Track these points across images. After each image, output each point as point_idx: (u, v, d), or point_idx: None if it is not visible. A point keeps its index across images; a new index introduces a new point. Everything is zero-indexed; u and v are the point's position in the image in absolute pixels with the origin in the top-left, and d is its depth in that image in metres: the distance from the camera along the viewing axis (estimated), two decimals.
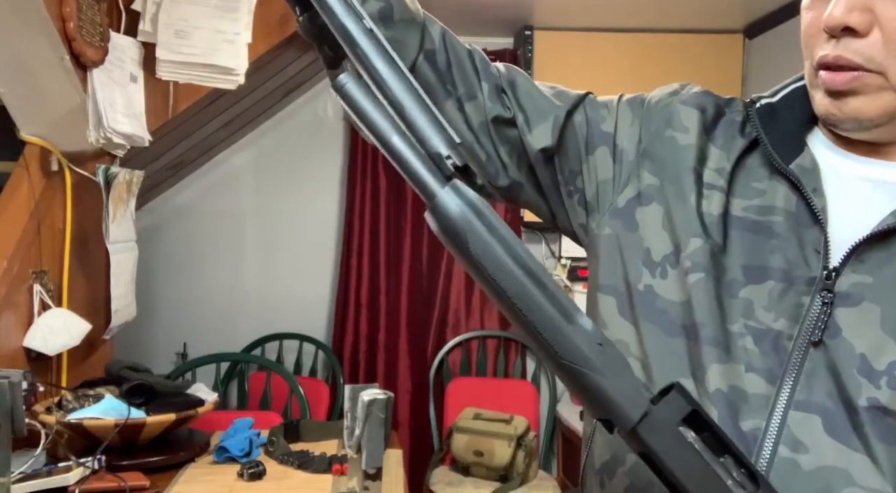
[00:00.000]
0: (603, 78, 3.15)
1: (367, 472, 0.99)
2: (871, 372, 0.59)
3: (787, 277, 0.64)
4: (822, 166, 0.67)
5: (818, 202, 0.64)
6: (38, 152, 1.76)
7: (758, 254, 0.65)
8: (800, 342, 0.62)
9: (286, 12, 2.18)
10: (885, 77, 0.61)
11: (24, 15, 1.51)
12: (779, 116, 0.70)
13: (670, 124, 0.74)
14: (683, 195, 0.70)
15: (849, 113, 0.63)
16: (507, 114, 0.79)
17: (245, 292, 3.35)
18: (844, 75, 0.61)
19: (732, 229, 0.67)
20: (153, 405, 1.65)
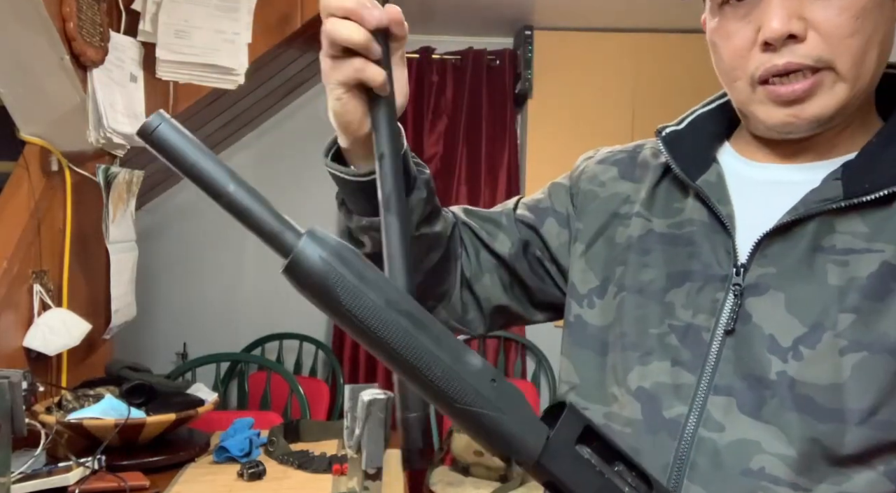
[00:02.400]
0: (603, 78, 3.15)
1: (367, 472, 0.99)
2: (779, 349, 0.66)
3: (704, 277, 0.72)
4: (730, 177, 0.75)
5: (723, 210, 0.72)
6: (38, 152, 1.76)
7: (678, 262, 0.74)
8: (717, 333, 0.69)
9: (286, 12, 2.18)
10: (834, 71, 0.66)
11: (24, 15, 1.51)
12: (686, 140, 0.79)
13: (591, 183, 0.86)
14: (609, 236, 0.81)
15: (809, 117, 0.68)
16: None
17: (245, 292, 3.35)
18: (802, 83, 0.66)
19: (655, 245, 0.76)
20: (153, 405, 1.65)
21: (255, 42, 2.07)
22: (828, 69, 0.66)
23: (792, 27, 0.65)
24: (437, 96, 3.27)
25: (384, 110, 0.65)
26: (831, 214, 0.67)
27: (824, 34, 0.65)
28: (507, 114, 3.26)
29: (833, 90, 0.67)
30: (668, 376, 0.71)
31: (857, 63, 0.66)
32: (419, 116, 3.26)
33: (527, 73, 3.10)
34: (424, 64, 3.24)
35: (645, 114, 3.09)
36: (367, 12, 0.62)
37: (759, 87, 0.69)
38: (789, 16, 0.66)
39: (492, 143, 3.25)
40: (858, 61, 0.66)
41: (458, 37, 3.30)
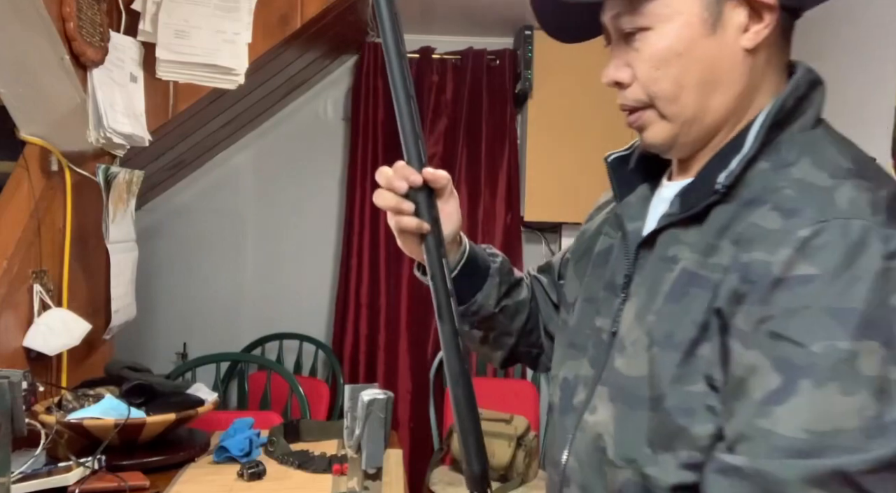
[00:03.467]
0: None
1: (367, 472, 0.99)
2: (622, 349, 0.79)
3: (610, 286, 0.86)
4: (656, 197, 0.87)
5: (630, 226, 0.85)
6: (38, 152, 1.76)
7: (606, 272, 0.88)
8: (608, 334, 0.83)
9: (286, 12, 2.18)
10: (655, 110, 0.79)
11: (24, 15, 1.51)
12: (627, 164, 0.91)
13: (593, 209, 1.03)
14: (588, 253, 0.95)
15: (647, 142, 0.83)
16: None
17: (245, 292, 3.35)
18: (632, 116, 0.82)
19: (605, 258, 0.91)
20: (153, 405, 1.65)
21: (255, 42, 2.07)
22: (650, 108, 0.79)
23: (618, 76, 0.80)
24: (437, 96, 3.27)
25: (430, 243, 0.86)
26: (677, 228, 0.78)
27: (640, 81, 0.79)
28: (507, 114, 3.26)
29: (658, 125, 0.80)
30: (581, 369, 0.86)
31: (670, 103, 0.78)
32: (419, 116, 3.25)
33: (527, 73, 3.10)
34: (424, 64, 3.24)
35: None
36: (398, 183, 0.86)
37: None
38: (618, 65, 0.80)
39: (492, 143, 3.25)
40: (671, 102, 0.77)
41: (458, 37, 3.30)
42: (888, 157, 1.94)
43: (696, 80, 0.76)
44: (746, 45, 0.75)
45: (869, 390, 0.61)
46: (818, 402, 0.62)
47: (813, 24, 2.74)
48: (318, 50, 2.89)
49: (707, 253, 0.73)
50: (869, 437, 0.61)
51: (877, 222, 0.64)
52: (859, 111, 2.25)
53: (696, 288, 0.72)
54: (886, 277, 0.63)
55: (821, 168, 0.70)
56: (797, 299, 0.64)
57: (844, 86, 2.32)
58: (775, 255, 0.66)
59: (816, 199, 0.67)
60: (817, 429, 0.61)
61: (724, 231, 0.72)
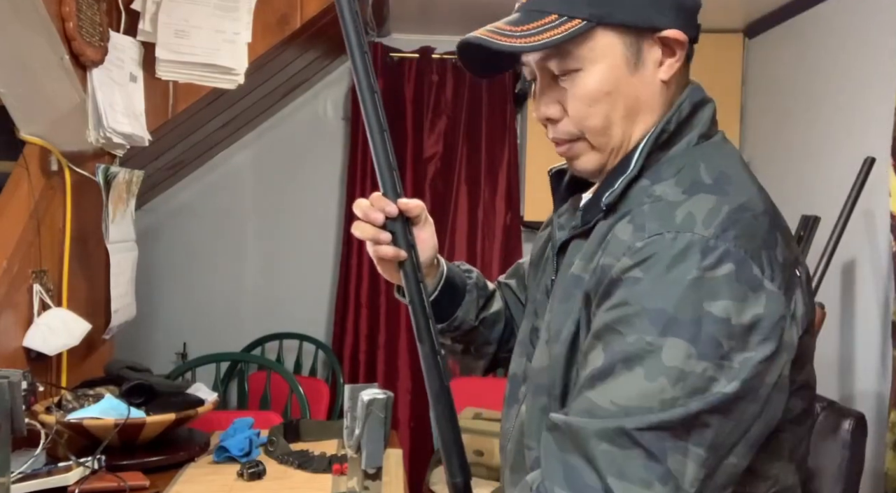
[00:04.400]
0: None
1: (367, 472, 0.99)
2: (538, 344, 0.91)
3: (541, 287, 0.96)
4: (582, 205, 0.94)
5: (557, 235, 0.93)
6: (37, 152, 1.76)
7: (544, 277, 0.97)
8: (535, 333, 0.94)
9: (286, 12, 2.18)
10: (585, 142, 0.87)
11: (24, 15, 1.51)
12: (563, 177, 0.99)
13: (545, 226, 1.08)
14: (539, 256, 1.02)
15: (578, 169, 0.91)
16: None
17: (245, 292, 3.35)
18: (562, 147, 0.89)
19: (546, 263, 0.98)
20: (153, 405, 1.65)
21: (255, 42, 2.07)
22: (580, 140, 0.87)
23: (548, 112, 0.87)
24: (437, 96, 3.26)
25: (408, 269, 0.92)
26: (578, 239, 0.89)
27: (570, 117, 0.86)
28: (507, 114, 3.26)
29: (587, 156, 0.88)
30: (522, 366, 0.96)
31: (600, 135, 0.85)
32: (419, 116, 3.26)
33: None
34: (424, 64, 3.24)
35: None
36: (374, 215, 0.91)
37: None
38: (548, 103, 0.87)
39: (492, 143, 3.25)
40: (601, 134, 0.85)
41: (458, 37, 3.23)
42: (888, 157, 1.94)
43: (622, 114, 0.84)
44: (663, 77, 0.85)
45: (668, 377, 0.72)
46: (626, 382, 0.73)
47: (813, 25, 2.76)
48: (317, 50, 2.89)
49: (588, 259, 0.84)
50: (658, 411, 0.72)
51: (704, 236, 0.74)
52: (859, 111, 2.25)
53: (576, 290, 0.84)
54: (699, 285, 0.73)
55: (679, 184, 0.81)
56: (625, 297, 0.76)
57: (844, 86, 2.32)
58: (617, 260, 0.77)
59: (660, 214, 0.78)
60: (620, 403, 0.73)
61: (601, 240, 0.83)
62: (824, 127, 2.43)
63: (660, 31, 0.83)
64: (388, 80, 3.22)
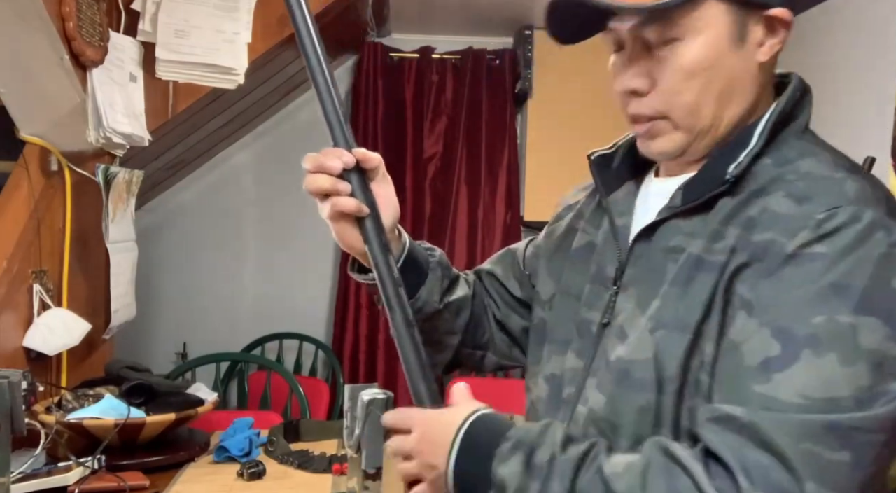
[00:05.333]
0: (603, 78, 3.14)
1: (367, 472, 0.99)
2: (624, 336, 0.80)
3: (600, 278, 0.87)
4: (642, 193, 0.89)
5: (619, 221, 0.87)
6: (37, 152, 1.76)
7: (590, 266, 0.89)
8: (599, 326, 0.85)
9: (286, 12, 2.17)
10: (670, 120, 0.80)
11: (24, 15, 1.51)
12: (611, 162, 0.93)
13: (561, 208, 1.04)
14: (563, 249, 0.96)
15: (655, 151, 0.84)
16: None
17: (245, 291, 3.35)
18: (643, 126, 0.82)
19: (585, 253, 0.92)
20: (153, 405, 1.65)
21: (255, 42, 2.07)
22: (663, 119, 0.80)
23: (635, 84, 0.80)
24: (437, 96, 3.26)
25: (370, 228, 0.85)
26: (680, 219, 0.80)
27: (660, 91, 0.79)
28: (507, 114, 3.26)
29: (670, 136, 0.81)
30: (568, 363, 0.87)
31: (689, 114, 0.79)
32: (419, 116, 3.26)
33: (527, 73, 3.10)
34: (424, 64, 3.24)
35: None
36: (330, 162, 0.84)
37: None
38: (636, 74, 0.80)
39: (492, 143, 3.25)
40: (690, 113, 0.79)
41: (458, 37, 3.30)
42: (888, 157, 1.94)
43: (716, 93, 0.78)
44: (761, 59, 0.80)
45: (867, 362, 0.65)
46: (816, 370, 0.65)
47: (813, 25, 2.75)
48: None
49: (713, 239, 0.76)
50: (859, 404, 0.64)
51: (881, 213, 0.69)
52: (859, 111, 2.24)
53: (702, 273, 0.75)
54: (890, 260, 0.67)
55: (825, 165, 0.76)
56: (803, 275, 0.68)
57: (844, 86, 2.32)
58: (790, 235, 0.70)
59: (828, 188, 0.72)
60: (813, 395, 0.64)
61: (730, 219, 0.75)
62: (824, 127, 2.42)
63: (768, 9, 0.78)
64: (388, 81, 3.22)
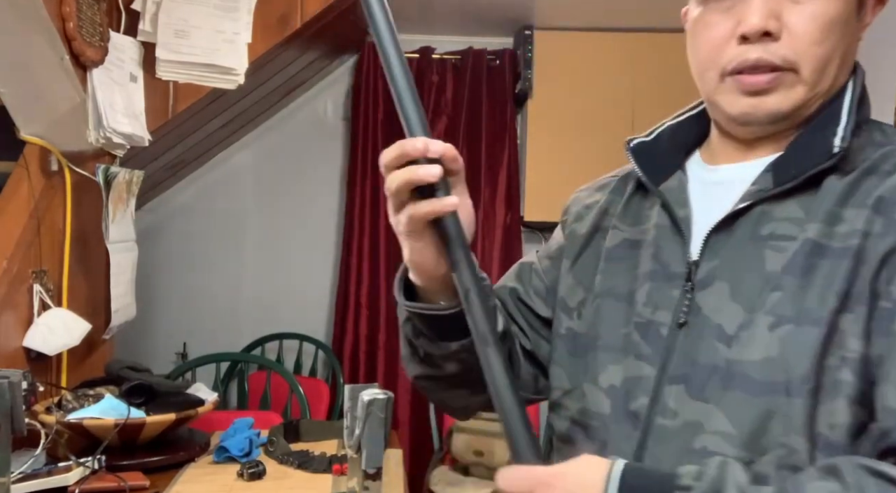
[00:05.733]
0: (603, 78, 3.15)
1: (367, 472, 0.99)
2: (725, 337, 0.71)
3: (663, 276, 0.78)
4: (693, 182, 0.82)
5: (680, 212, 0.79)
6: (37, 152, 1.76)
7: (643, 264, 0.81)
8: (672, 327, 0.75)
9: (286, 12, 2.18)
10: (797, 73, 0.73)
11: (24, 15, 1.51)
12: (653, 150, 0.86)
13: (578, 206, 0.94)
14: (592, 250, 0.88)
15: (766, 109, 0.74)
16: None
17: (245, 291, 3.35)
18: (766, 76, 0.73)
19: (627, 251, 0.83)
20: (153, 405, 1.65)
21: (255, 42, 2.07)
22: (791, 71, 0.73)
23: (769, 25, 0.72)
24: (437, 96, 3.27)
25: (458, 245, 0.72)
26: (769, 204, 0.73)
27: (795, 38, 0.72)
28: (507, 114, 3.26)
29: (793, 90, 0.74)
30: (632, 371, 0.77)
31: (819, 69, 0.73)
32: None
33: (527, 73, 3.10)
34: (424, 64, 3.24)
35: (645, 114, 3.09)
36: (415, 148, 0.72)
37: (728, 77, 0.75)
38: (768, 14, 0.72)
39: (492, 143, 3.25)
40: (820, 68, 0.73)
41: (458, 37, 3.30)
42: None
43: (842, 53, 0.74)
44: (868, 20, 0.77)
45: None
46: None
47: None
48: (318, 50, 2.89)
49: (830, 222, 0.70)
50: None
51: None
52: None
53: (826, 260, 0.68)
54: None
55: None
56: None
57: None
58: None
59: None
60: None
61: (846, 199, 0.70)
62: None
63: None
64: (388, 80, 3.22)
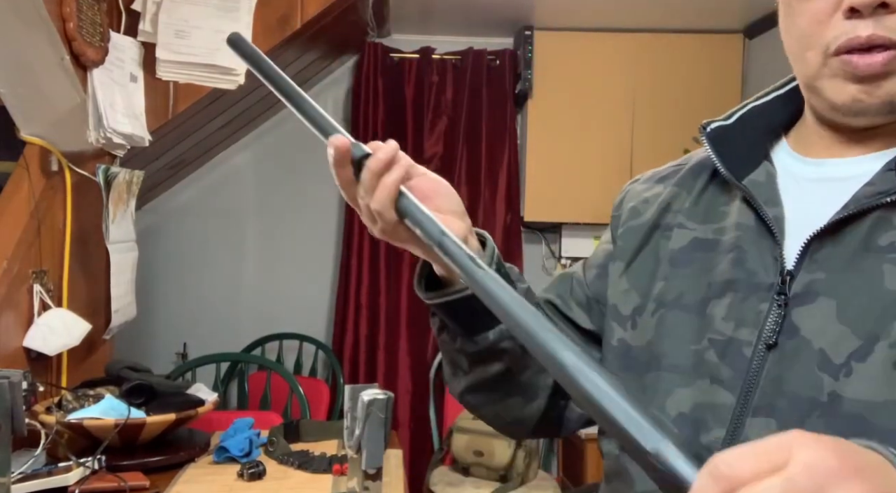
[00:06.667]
0: (603, 78, 3.15)
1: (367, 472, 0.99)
2: (831, 366, 0.59)
3: (748, 286, 0.65)
4: (783, 176, 0.69)
5: (770, 212, 0.66)
6: (38, 152, 1.76)
7: (721, 271, 0.68)
8: (759, 348, 0.63)
9: (286, 12, 2.18)
10: None
11: (24, 15, 1.51)
12: (734, 136, 0.72)
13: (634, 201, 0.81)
14: (650, 250, 0.75)
15: (882, 96, 0.61)
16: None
17: (245, 292, 3.35)
18: (881, 55, 0.59)
19: (697, 254, 0.71)
20: (153, 405, 1.65)
21: (255, 42, 2.04)
22: None
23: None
24: (437, 96, 3.27)
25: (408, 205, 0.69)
26: (889, 210, 0.60)
27: None
28: (507, 114, 3.26)
29: None
30: (706, 396, 0.65)
31: None
32: (419, 117, 3.26)
33: (527, 73, 3.10)
34: (424, 64, 3.24)
35: (645, 114, 3.10)
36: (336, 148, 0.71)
37: (832, 58, 0.62)
38: None
39: (492, 143, 3.25)
40: None
41: (458, 37, 3.30)
42: None
43: None
44: None
45: None
46: None
47: None
48: (318, 50, 2.89)
49: None
50: None
51: None
52: None
53: None
54: None
55: None
56: None
57: None
58: None
59: None
60: None
61: None
62: None
63: None
64: (388, 81, 3.22)
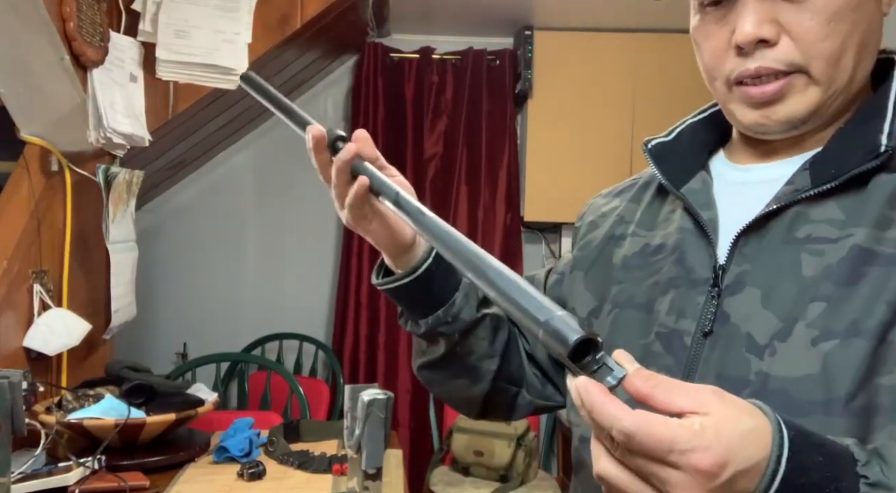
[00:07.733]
0: (603, 78, 3.15)
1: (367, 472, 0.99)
2: (756, 347, 0.66)
3: (687, 282, 0.73)
4: (717, 182, 0.77)
5: (705, 215, 0.74)
6: (38, 152, 1.76)
7: (665, 271, 0.76)
8: (696, 336, 0.70)
9: (286, 12, 2.18)
10: (807, 75, 0.67)
11: (24, 15, 1.51)
12: (673, 151, 0.81)
13: (593, 215, 0.90)
14: (605, 259, 0.84)
15: (780, 118, 0.69)
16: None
17: (245, 291, 3.35)
18: (772, 85, 0.67)
19: (648, 259, 0.79)
20: (153, 405, 1.65)
21: (255, 42, 2.07)
22: (800, 72, 0.67)
23: (762, 32, 0.66)
24: (437, 96, 3.27)
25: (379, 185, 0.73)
26: (805, 205, 0.68)
27: (796, 39, 0.66)
28: (507, 114, 3.26)
29: (805, 93, 0.68)
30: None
31: (831, 66, 0.66)
32: (419, 117, 3.26)
33: (527, 73, 3.10)
34: (424, 64, 3.24)
35: (645, 114, 3.10)
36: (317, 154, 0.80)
37: (734, 87, 0.70)
38: (761, 20, 0.66)
39: (492, 143, 3.25)
40: (832, 64, 0.66)
41: (458, 37, 3.30)
42: None
43: (857, 42, 0.67)
44: (886, 11, 0.69)
45: None
46: None
47: None
48: (318, 50, 2.89)
49: (881, 226, 0.64)
50: None
51: None
52: None
53: (874, 267, 0.63)
54: None
55: None
56: None
57: None
58: None
59: None
60: None
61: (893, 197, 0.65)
62: None
63: None
64: (388, 81, 3.22)
